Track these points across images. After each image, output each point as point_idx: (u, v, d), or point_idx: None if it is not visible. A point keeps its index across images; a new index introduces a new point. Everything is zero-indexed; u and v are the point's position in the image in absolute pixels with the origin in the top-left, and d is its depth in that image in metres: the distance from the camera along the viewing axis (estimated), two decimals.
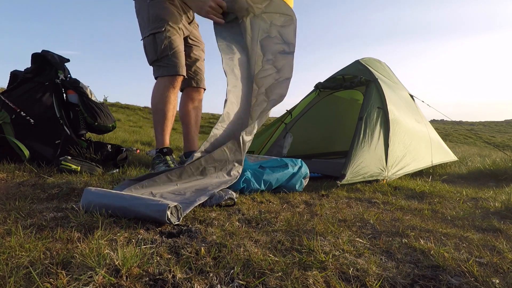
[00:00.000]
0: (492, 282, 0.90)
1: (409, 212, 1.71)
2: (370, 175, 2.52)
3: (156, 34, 1.96)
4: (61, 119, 2.24)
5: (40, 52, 2.29)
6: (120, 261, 0.83)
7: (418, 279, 0.91)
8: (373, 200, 1.96)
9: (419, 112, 3.72)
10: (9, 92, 2.21)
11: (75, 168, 1.97)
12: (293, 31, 1.93)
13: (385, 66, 3.76)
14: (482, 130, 30.36)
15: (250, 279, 0.84)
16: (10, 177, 1.74)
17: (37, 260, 0.83)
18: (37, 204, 1.35)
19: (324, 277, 0.88)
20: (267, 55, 1.95)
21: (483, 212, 1.78)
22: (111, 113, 2.57)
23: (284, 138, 3.67)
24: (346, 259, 1.00)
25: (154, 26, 1.97)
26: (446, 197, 2.15)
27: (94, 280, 0.75)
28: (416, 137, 3.19)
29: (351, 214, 1.58)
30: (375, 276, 0.91)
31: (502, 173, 3.14)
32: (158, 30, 1.95)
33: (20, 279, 0.75)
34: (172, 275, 0.81)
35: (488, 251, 1.14)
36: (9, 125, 2.09)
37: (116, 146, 2.52)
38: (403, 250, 1.11)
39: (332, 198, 1.97)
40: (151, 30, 1.97)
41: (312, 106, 3.76)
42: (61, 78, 2.34)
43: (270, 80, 1.90)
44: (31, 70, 2.29)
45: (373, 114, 2.82)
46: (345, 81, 3.49)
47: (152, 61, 2.02)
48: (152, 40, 1.97)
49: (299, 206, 1.69)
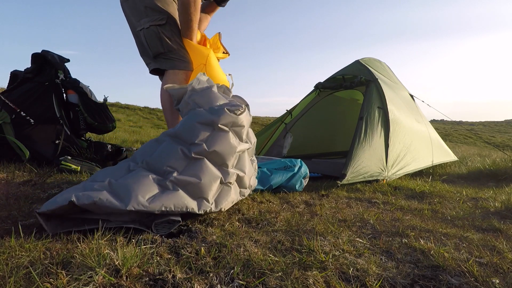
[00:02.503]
0: (492, 282, 0.90)
1: (409, 212, 1.71)
2: (370, 175, 2.52)
3: (159, 26, 1.90)
4: (61, 119, 2.24)
5: (40, 52, 2.29)
6: (120, 261, 0.83)
7: (418, 279, 0.91)
8: (373, 200, 1.96)
9: (419, 112, 3.72)
10: (9, 92, 2.21)
11: (75, 168, 1.97)
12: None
13: (385, 66, 3.76)
14: (482, 130, 30.36)
15: (250, 279, 0.84)
16: (10, 177, 1.74)
17: (37, 260, 0.83)
18: (37, 204, 1.34)
19: (324, 277, 0.88)
20: None
21: (483, 212, 1.78)
22: (111, 113, 2.57)
23: (284, 138, 3.67)
24: (346, 259, 1.00)
25: (155, 18, 1.90)
26: (446, 197, 2.15)
27: (94, 280, 0.75)
28: (417, 137, 3.19)
29: (351, 214, 1.57)
30: (375, 276, 0.91)
31: (502, 173, 3.13)
32: (160, 22, 1.90)
33: (20, 279, 0.75)
34: (172, 275, 0.81)
35: (488, 251, 1.14)
36: (9, 125, 2.09)
37: (116, 146, 2.52)
38: (403, 250, 1.11)
39: (332, 198, 1.97)
40: (152, 21, 1.90)
41: (312, 106, 3.76)
42: (61, 78, 2.34)
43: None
44: (31, 70, 2.29)
45: (374, 114, 2.83)
46: (345, 81, 3.49)
47: (158, 53, 1.96)
48: (154, 32, 1.91)
49: (299, 206, 1.69)
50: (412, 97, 3.81)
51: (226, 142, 1.34)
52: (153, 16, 1.91)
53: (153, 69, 2.04)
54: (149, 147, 1.34)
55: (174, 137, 1.33)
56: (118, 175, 1.20)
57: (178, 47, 1.96)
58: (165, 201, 1.12)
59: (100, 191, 1.07)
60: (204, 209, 1.21)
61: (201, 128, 1.31)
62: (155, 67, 2.01)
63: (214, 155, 1.30)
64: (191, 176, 1.22)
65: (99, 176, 1.20)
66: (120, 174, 1.21)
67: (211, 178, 1.26)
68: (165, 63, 1.98)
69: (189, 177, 1.22)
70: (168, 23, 1.93)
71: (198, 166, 1.26)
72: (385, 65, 3.79)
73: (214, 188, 1.27)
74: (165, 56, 1.96)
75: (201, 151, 1.27)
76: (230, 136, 1.36)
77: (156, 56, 1.99)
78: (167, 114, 2.03)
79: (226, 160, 1.33)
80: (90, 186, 1.10)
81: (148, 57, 2.05)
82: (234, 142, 1.37)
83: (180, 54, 1.97)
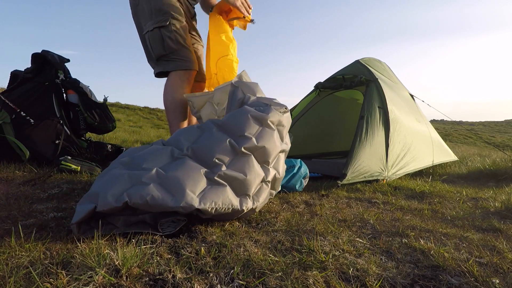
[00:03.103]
0: (492, 282, 0.90)
1: (409, 212, 1.71)
2: (370, 175, 2.52)
3: (162, 28, 1.91)
4: (61, 119, 2.24)
5: (40, 52, 2.29)
6: (120, 261, 0.83)
7: (418, 279, 0.91)
8: (373, 200, 1.96)
9: (419, 112, 3.72)
10: (9, 92, 2.21)
11: (75, 168, 1.97)
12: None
13: (385, 66, 3.75)
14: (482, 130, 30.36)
15: (250, 279, 0.84)
16: (10, 177, 1.74)
17: (37, 260, 0.83)
18: (37, 204, 1.35)
19: (324, 277, 0.88)
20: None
21: (483, 212, 1.78)
22: (111, 113, 2.57)
23: None
24: (346, 259, 1.00)
25: (158, 20, 1.91)
26: (446, 197, 2.15)
27: (94, 280, 0.75)
28: (417, 136, 3.19)
29: (351, 214, 1.57)
30: (375, 276, 0.91)
31: (502, 173, 3.13)
32: (163, 24, 1.90)
33: (20, 279, 0.75)
34: (172, 275, 0.81)
35: (488, 251, 1.14)
36: (9, 125, 2.09)
37: (116, 146, 2.52)
38: (403, 250, 1.11)
39: (332, 198, 1.97)
40: (155, 23, 1.91)
41: (312, 106, 3.76)
42: (61, 78, 2.34)
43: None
44: (31, 70, 2.29)
45: (374, 114, 2.83)
46: (345, 81, 3.48)
47: (159, 56, 1.96)
48: (157, 34, 1.91)
49: (299, 206, 1.69)
50: (412, 97, 3.81)
51: (272, 140, 1.33)
52: (157, 18, 1.92)
53: (158, 72, 2.05)
54: (189, 132, 1.30)
55: (221, 127, 1.30)
56: (161, 161, 1.15)
57: (180, 47, 1.96)
58: (214, 197, 1.10)
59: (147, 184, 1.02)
60: (246, 207, 1.19)
61: (252, 121, 1.30)
62: (159, 70, 2.02)
63: (261, 151, 1.29)
64: (238, 171, 1.20)
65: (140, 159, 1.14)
66: (163, 160, 1.16)
67: (255, 175, 1.24)
68: (167, 65, 1.98)
69: (236, 172, 1.19)
70: (171, 23, 1.93)
71: (245, 161, 1.23)
72: (385, 65, 3.79)
73: (256, 186, 1.26)
74: (167, 58, 1.96)
75: (250, 145, 1.25)
76: (275, 134, 1.36)
77: (158, 59, 1.99)
78: (170, 114, 2.03)
79: (269, 158, 1.32)
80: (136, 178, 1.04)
81: (152, 60, 2.05)
82: (277, 141, 1.37)
83: (181, 54, 1.97)
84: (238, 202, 1.18)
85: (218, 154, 1.19)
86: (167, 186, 1.05)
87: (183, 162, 1.15)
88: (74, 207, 1.30)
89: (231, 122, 1.30)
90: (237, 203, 1.17)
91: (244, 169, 1.21)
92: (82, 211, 0.97)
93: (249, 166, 1.23)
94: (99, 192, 1.01)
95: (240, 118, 1.30)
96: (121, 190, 1.00)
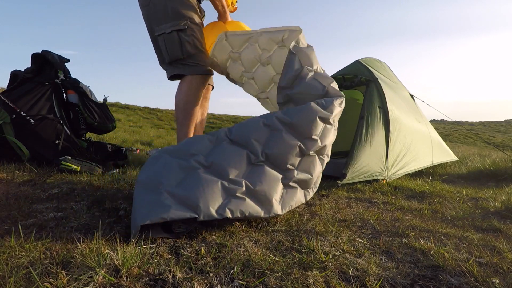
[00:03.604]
0: (492, 282, 0.90)
1: (409, 212, 1.71)
2: (370, 175, 2.52)
3: (180, 31, 1.89)
4: (61, 119, 2.24)
5: (40, 52, 2.29)
6: (120, 261, 0.83)
7: (418, 279, 0.91)
8: (373, 200, 1.96)
9: (419, 112, 3.72)
10: (9, 92, 2.21)
11: (75, 168, 1.97)
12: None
13: (385, 66, 3.75)
14: (482, 130, 30.36)
15: (250, 279, 0.84)
16: (10, 177, 1.74)
17: (37, 260, 0.83)
18: (37, 204, 1.34)
19: (324, 277, 0.88)
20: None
21: (483, 212, 1.78)
22: (111, 113, 2.57)
23: None
24: (346, 259, 1.00)
25: (176, 23, 1.89)
26: (446, 197, 2.15)
27: (94, 280, 0.75)
28: (417, 136, 3.19)
29: (351, 214, 1.57)
30: (375, 276, 0.91)
31: (502, 173, 3.13)
32: (182, 27, 1.89)
33: (20, 279, 0.75)
34: (172, 275, 0.81)
35: (488, 251, 1.14)
36: (9, 125, 2.09)
37: (116, 146, 2.52)
38: (403, 250, 1.11)
39: (332, 198, 1.97)
40: (173, 26, 1.89)
41: None
42: (61, 78, 2.34)
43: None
44: (31, 70, 2.29)
45: (375, 114, 2.82)
46: (345, 81, 3.48)
47: (176, 59, 1.94)
48: (175, 37, 1.90)
49: (299, 206, 1.69)
50: (412, 97, 3.81)
51: (330, 135, 1.44)
52: (175, 21, 1.90)
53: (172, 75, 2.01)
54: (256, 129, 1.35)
55: (289, 127, 1.36)
56: (241, 167, 1.24)
57: (197, 51, 1.96)
58: (290, 201, 1.23)
59: (244, 200, 1.14)
60: (308, 197, 1.34)
61: (319, 122, 1.39)
62: (173, 73, 1.99)
63: (323, 149, 1.41)
64: (305, 172, 1.33)
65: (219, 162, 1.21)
66: (242, 166, 1.25)
67: (318, 172, 1.38)
68: (183, 69, 1.96)
69: (304, 174, 1.32)
70: (189, 27, 1.92)
71: (310, 162, 1.36)
72: (385, 65, 3.78)
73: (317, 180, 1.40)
74: (184, 62, 1.95)
75: (316, 147, 1.36)
76: (333, 129, 1.46)
77: (172, 62, 1.96)
78: (179, 112, 2.02)
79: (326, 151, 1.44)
80: (230, 192, 1.14)
81: (165, 63, 2.02)
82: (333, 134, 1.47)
83: (198, 59, 1.97)
84: (303, 196, 1.32)
85: (290, 160, 1.32)
86: (258, 199, 1.18)
87: (263, 171, 1.26)
88: (74, 207, 1.30)
89: (299, 123, 1.37)
90: (303, 198, 1.32)
91: (310, 169, 1.35)
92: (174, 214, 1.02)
93: (314, 166, 1.36)
94: (198, 203, 1.08)
95: (308, 119, 1.37)
96: (219, 204, 1.10)
